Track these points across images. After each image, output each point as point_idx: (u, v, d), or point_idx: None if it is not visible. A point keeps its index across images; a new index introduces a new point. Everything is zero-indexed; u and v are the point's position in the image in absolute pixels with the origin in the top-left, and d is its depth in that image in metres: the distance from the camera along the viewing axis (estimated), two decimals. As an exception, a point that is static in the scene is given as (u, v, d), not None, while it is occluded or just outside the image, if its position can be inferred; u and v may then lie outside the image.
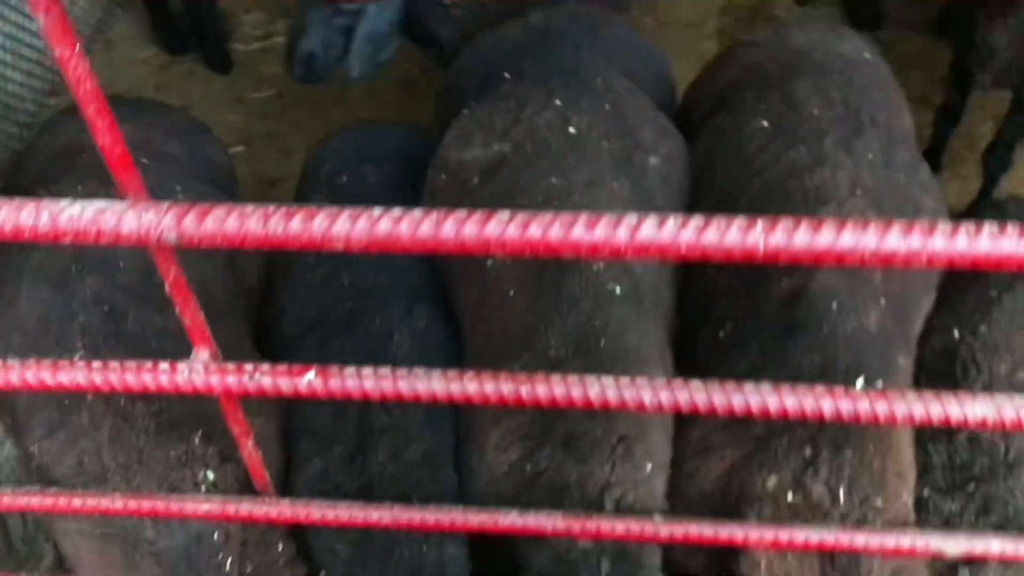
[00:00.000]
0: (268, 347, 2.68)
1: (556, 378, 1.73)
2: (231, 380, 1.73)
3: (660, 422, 2.38)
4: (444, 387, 1.73)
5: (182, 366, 1.74)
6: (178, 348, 1.74)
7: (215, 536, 2.17)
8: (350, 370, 1.74)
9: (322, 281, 2.76)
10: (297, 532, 2.37)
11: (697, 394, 1.71)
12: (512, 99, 2.77)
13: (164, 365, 1.74)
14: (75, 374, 1.74)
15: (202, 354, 1.74)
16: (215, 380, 1.73)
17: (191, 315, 1.68)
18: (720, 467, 2.33)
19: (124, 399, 2.23)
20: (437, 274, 2.83)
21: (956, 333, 2.60)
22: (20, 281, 2.42)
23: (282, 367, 1.74)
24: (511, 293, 2.49)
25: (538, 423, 2.31)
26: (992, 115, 4.54)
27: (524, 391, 1.73)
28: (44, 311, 2.26)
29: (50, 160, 2.73)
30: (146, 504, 2.12)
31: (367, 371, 1.73)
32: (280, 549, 2.25)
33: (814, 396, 1.70)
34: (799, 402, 1.70)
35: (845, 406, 1.70)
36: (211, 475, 2.22)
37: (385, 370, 1.74)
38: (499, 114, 2.75)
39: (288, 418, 2.50)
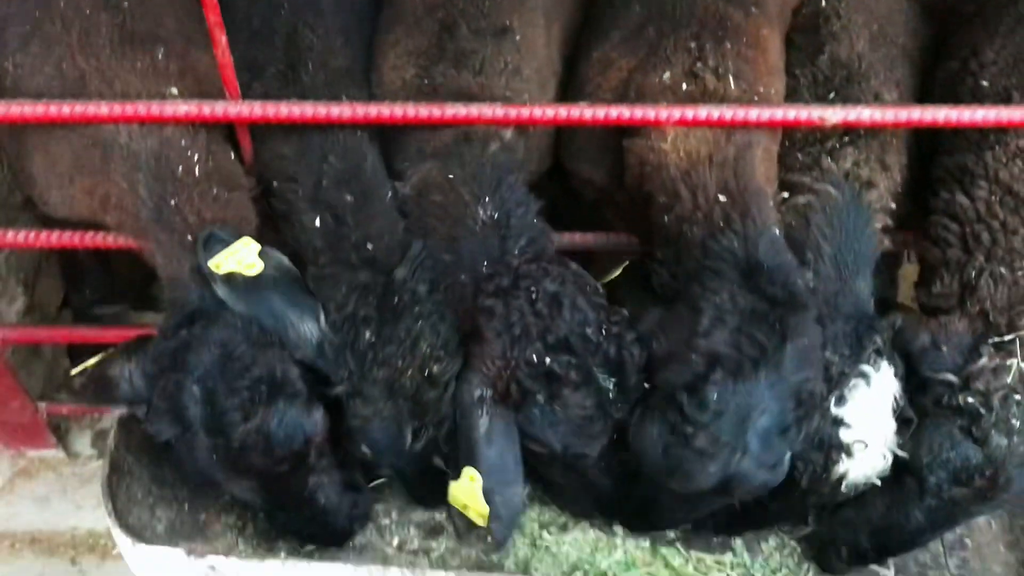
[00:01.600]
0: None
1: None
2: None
3: (541, 62, 2.73)
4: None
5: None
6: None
7: (183, 141, 2.43)
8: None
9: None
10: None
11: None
12: None
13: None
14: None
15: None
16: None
17: None
18: (618, 76, 2.67)
19: (89, 8, 2.44)
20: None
21: (823, 1, 2.92)
22: None
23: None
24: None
25: (434, 44, 2.62)
26: None
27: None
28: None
29: None
30: (130, 109, 2.39)
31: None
32: (232, 155, 2.54)
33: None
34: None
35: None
36: (175, 91, 2.47)
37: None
38: None
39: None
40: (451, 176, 2.50)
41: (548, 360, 2.26)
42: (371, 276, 2.44)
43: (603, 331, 2.33)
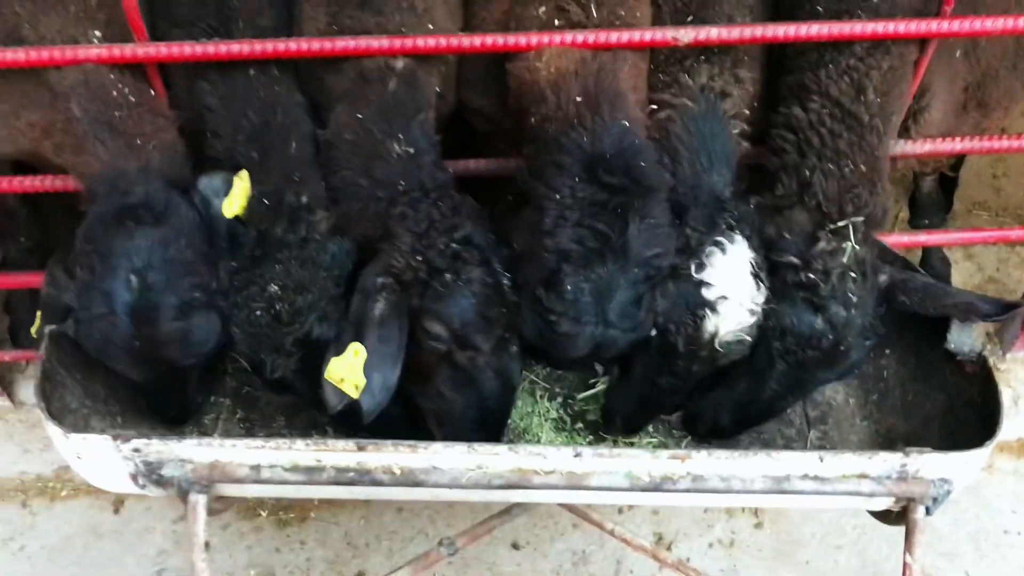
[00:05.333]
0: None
1: None
2: None
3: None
4: None
5: None
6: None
7: (111, 75, 2.64)
8: None
9: None
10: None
11: None
12: None
13: None
14: None
15: None
16: None
17: None
18: (500, 9, 2.92)
19: None
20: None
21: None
22: None
23: None
24: None
25: None
26: None
27: None
28: None
29: None
30: (46, 55, 2.62)
31: None
32: (152, 92, 2.76)
33: None
34: None
35: None
36: (98, 34, 2.69)
37: None
38: None
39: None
40: (359, 115, 2.71)
41: (455, 246, 2.54)
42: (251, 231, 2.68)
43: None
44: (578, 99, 2.62)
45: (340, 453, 2.37)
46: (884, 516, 2.69)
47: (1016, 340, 4.00)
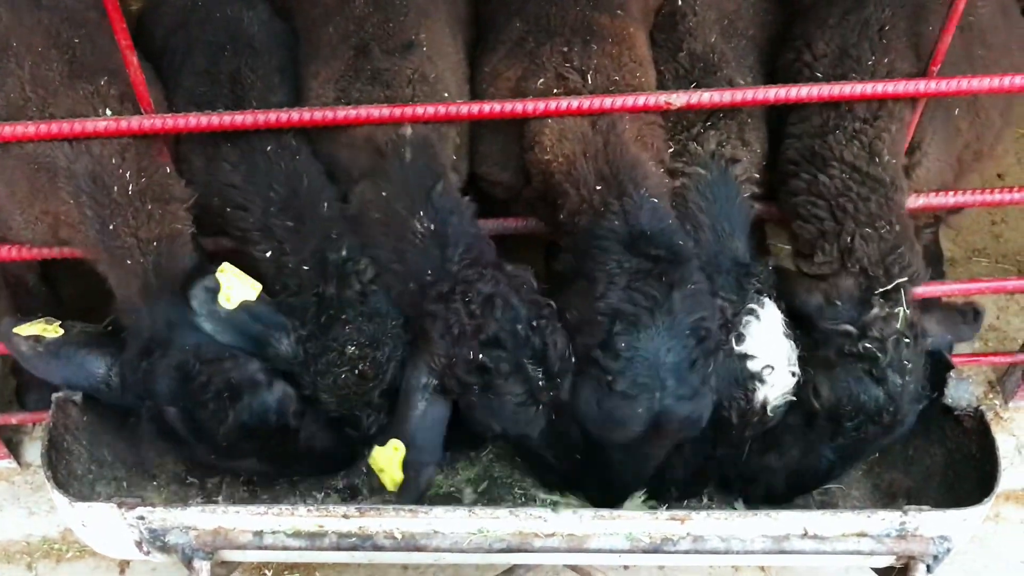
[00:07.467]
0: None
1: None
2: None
3: (452, 66, 3.07)
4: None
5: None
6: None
7: (113, 159, 2.71)
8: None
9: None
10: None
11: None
12: None
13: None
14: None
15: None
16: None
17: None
18: (506, 86, 3.00)
19: (41, 46, 2.76)
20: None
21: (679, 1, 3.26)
22: None
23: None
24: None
25: (350, 66, 2.93)
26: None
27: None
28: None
29: None
30: (55, 128, 2.68)
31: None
32: (168, 170, 2.82)
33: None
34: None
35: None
36: (109, 112, 2.74)
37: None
38: None
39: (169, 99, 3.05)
40: (384, 193, 2.78)
41: (481, 356, 2.56)
42: (307, 298, 2.76)
43: (532, 325, 2.61)
44: (598, 188, 2.69)
45: (342, 519, 2.39)
46: (886, 573, 2.69)
47: (1018, 389, 4.01)
